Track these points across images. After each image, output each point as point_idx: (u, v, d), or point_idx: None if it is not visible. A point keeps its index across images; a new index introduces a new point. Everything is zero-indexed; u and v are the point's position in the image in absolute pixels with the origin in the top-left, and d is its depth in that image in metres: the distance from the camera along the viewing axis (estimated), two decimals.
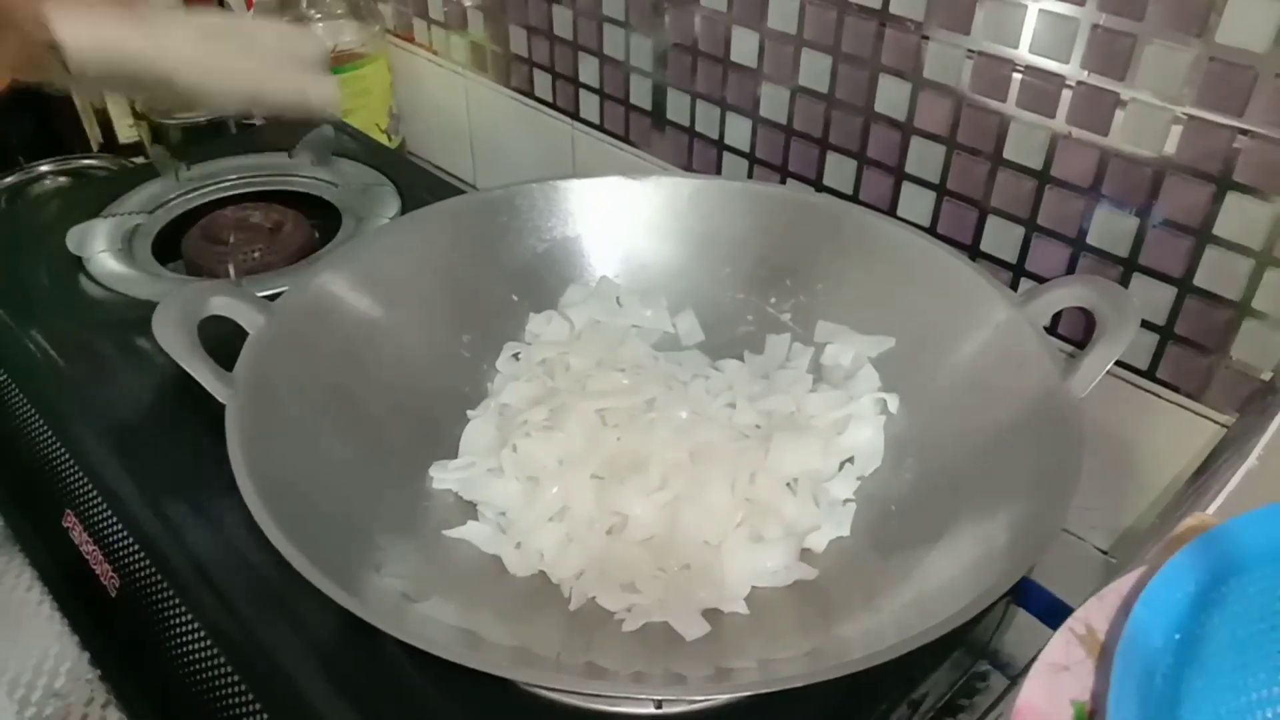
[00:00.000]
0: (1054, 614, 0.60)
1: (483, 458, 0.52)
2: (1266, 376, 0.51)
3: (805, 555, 0.48)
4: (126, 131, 1.02)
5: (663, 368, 0.57)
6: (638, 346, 0.58)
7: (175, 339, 0.46)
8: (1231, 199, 0.49)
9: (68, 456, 0.61)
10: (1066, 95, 0.53)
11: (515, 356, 0.59)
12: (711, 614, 0.45)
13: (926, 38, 0.58)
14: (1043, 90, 0.54)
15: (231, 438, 0.43)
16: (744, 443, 0.52)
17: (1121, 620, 0.23)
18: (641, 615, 0.44)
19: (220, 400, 0.45)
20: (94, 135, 1.01)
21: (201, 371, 0.45)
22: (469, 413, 0.55)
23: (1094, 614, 0.26)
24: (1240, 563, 0.24)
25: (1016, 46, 0.54)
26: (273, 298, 0.54)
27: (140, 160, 0.95)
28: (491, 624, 0.44)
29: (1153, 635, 0.22)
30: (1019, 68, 0.55)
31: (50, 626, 0.61)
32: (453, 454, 0.53)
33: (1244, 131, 0.48)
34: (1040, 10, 0.52)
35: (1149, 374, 0.55)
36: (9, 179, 0.90)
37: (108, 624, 0.58)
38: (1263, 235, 0.49)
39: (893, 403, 0.53)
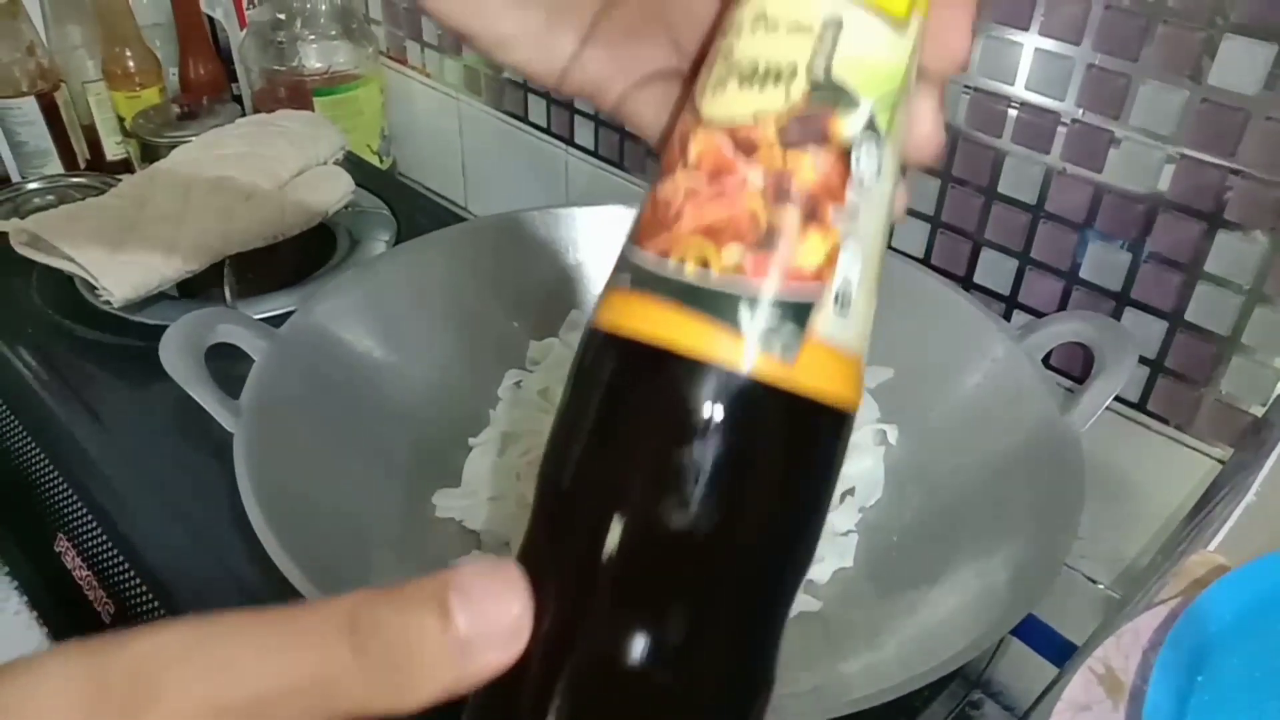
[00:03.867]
0: (1046, 643, 0.61)
1: (485, 487, 0.52)
2: (1256, 410, 0.52)
3: (808, 586, 0.49)
4: (114, 149, 1.02)
5: None
6: None
7: (183, 367, 0.46)
8: (1222, 237, 0.50)
9: (59, 478, 0.60)
10: (1061, 132, 0.54)
11: (517, 384, 0.59)
12: None
13: None
14: (1038, 127, 0.55)
15: (240, 466, 0.43)
16: None
17: (1145, 663, 0.24)
18: None
19: (228, 429, 0.45)
20: (81, 153, 1.00)
21: (209, 400, 0.45)
22: (471, 441, 0.55)
23: (1112, 653, 0.27)
24: (1257, 606, 0.25)
25: (1012, 84, 0.55)
26: (269, 319, 0.54)
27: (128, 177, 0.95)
28: None
29: (1179, 677, 0.23)
30: (1014, 104, 0.56)
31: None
32: (456, 482, 0.53)
33: (1235, 171, 0.49)
34: (1036, 49, 0.54)
35: (1140, 406, 0.56)
36: None
37: None
38: (1252, 272, 0.50)
39: (892, 434, 0.54)
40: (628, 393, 0.20)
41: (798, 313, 0.19)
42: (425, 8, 0.25)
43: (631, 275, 0.20)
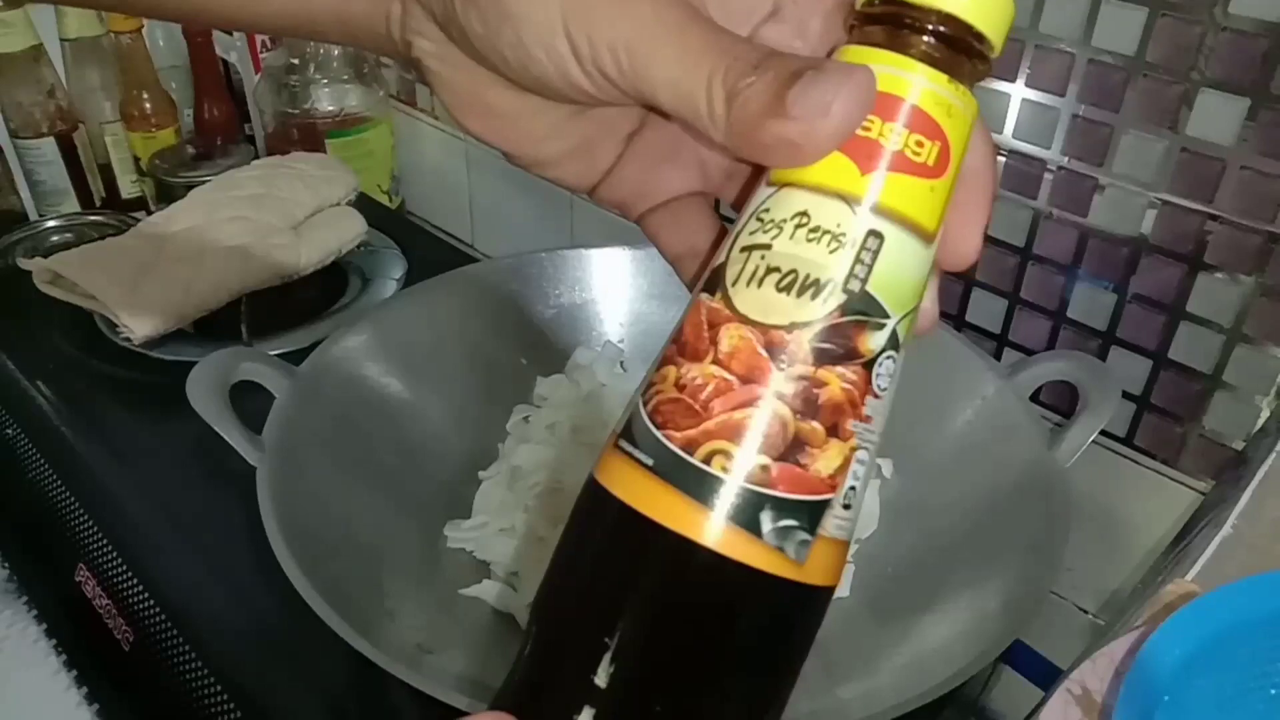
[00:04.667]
0: (1038, 671, 0.62)
1: (495, 518, 0.54)
2: (1238, 445, 0.54)
3: None
4: (129, 188, 1.04)
5: None
6: None
7: (209, 405, 0.48)
8: (1203, 278, 0.52)
9: (80, 509, 0.62)
10: (1048, 179, 0.56)
11: (525, 419, 0.61)
12: None
13: None
14: (1026, 173, 0.57)
15: (263, 499, 0.45)
16: None
17: (1116, 683, 0.25)
18: None
19: (252, 463, 0.47)
20: (97, 190, 1.03)
21: (234, 436, 0.47)
22: (481, 473, 0.57)
23: (1088, 676, 0.28)
24: (1224, 630, 0.26)
25: (1001, 132, 0.57)
26: (284, 356, 0.56)
27: (144, 216, 0.97)
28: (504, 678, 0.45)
29: (1146, 697, 0.25)
30: (1003, 152, 0.58)
31: (57, 680, 0.61)
32: (466, 513, 0.55)
33: (1213, 217, 0.51)
34: (1023, 100, 0.56)
35: (1127, 441, 0.58)
36: (17, 235, 0.91)
37: (120, 678, 0.59)
38: (1232, 313, 0.52)
39: (887, 468, 0.56)
40: (645, 574, 0.22)
41: (811, 517, 0.21)
42: (467, 129, 0.26)
43: (655, 458, 0.21)
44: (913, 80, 0.21)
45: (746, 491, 0.20)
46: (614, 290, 0.65)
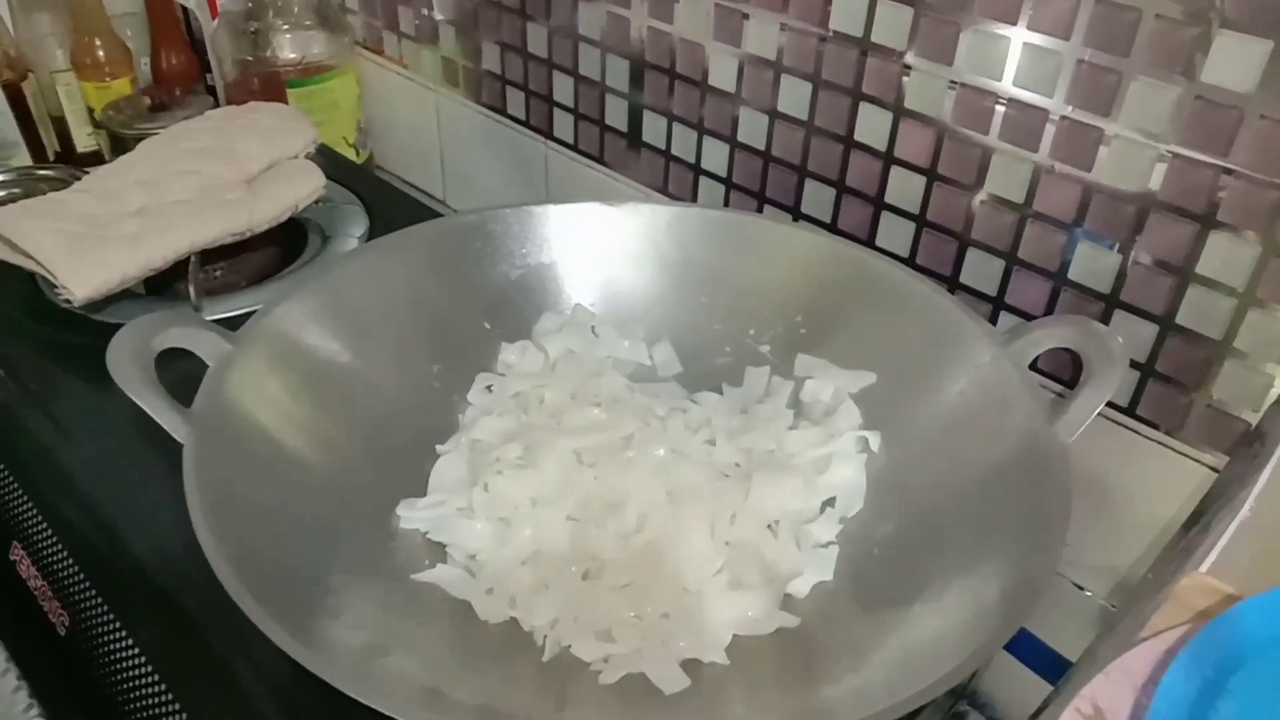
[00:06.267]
0: (1033, 654, 0.60)
1: (453, 496, 0.50)
2: (1247, 416, 0.51)
3: (787, 601, 0.47)
4: (85, 140, 1.00)
5: (640, 402, 0.55)
6: (614, 379, 0.56)
7: (130, 374, 0.44)
8: (1215, 238, 0.49)
9: (15, 484, 0.59)
10: (1050, 129, 0.53)
11: (488, 388, 0.57)
12: (690, 664, 0.44)
13: (908, 68, 0.57)
14: (1026, 124, 0.54)
15: (189, 479, 0.41)
16: (723, 483, 0.50)
17: (1140, 703, 0.22)
18: (619, 667, 0.43)
19: (178, 439, 0.43)
20: (51, 144, 0.98)
21: (158, 408, 0.43)
22: (438, 447, 0.54)
23: (1100, 693, 0.25)
24: (1251, 649, 0.23)
25: (1000, 79, 0.54)
26: (234, 319, 0.52)
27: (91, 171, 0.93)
28: (458, 676, 0.42)
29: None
30: (1002, 100, 0.54)
31: None
32: (421, 491, 0.52)
33: (1228, 171, 0.47)
34: (1024, 44, 0.52)
35: (1129, 411, 0.55)
36: None
37: (56, 663, 0.56)
38: (1245, 275, 0.49)
39: (874, 441, 0.52)
40: None
41: None
42: None
43: None
44: None
45: None
46: (585, 250, 0.61)
